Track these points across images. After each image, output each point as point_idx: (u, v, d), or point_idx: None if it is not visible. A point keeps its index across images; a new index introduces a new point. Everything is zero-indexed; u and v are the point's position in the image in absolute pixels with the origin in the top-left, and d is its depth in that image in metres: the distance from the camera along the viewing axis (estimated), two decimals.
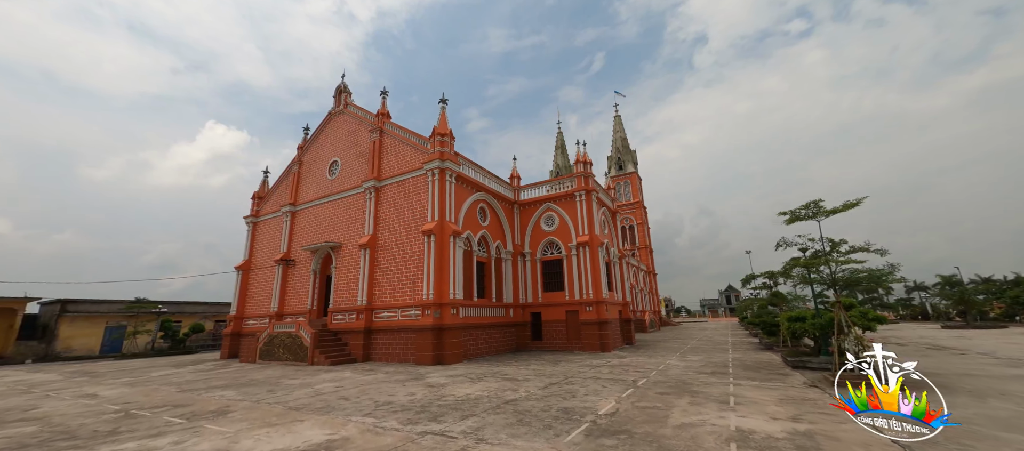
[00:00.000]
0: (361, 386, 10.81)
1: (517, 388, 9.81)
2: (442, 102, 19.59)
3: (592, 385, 9.95)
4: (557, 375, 11.83)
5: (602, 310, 19.87)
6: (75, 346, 28.69)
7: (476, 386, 10.22)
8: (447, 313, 16.24)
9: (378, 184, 19.93)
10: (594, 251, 20.63)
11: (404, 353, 16.72)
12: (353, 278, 19.45)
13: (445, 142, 18.47)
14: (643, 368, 13.17)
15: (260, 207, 26.07)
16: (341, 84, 24.35)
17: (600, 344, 19.18)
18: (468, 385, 10.44)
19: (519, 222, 23.57)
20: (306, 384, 11.52)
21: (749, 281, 22.13)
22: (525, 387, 9.92)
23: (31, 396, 11.37)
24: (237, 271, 24.90)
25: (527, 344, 21.58)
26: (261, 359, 18.99)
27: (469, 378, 11.63)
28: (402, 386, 10.61)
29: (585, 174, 22.12)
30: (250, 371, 15.54)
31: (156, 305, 30.80)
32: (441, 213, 17.34)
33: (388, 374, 13.05)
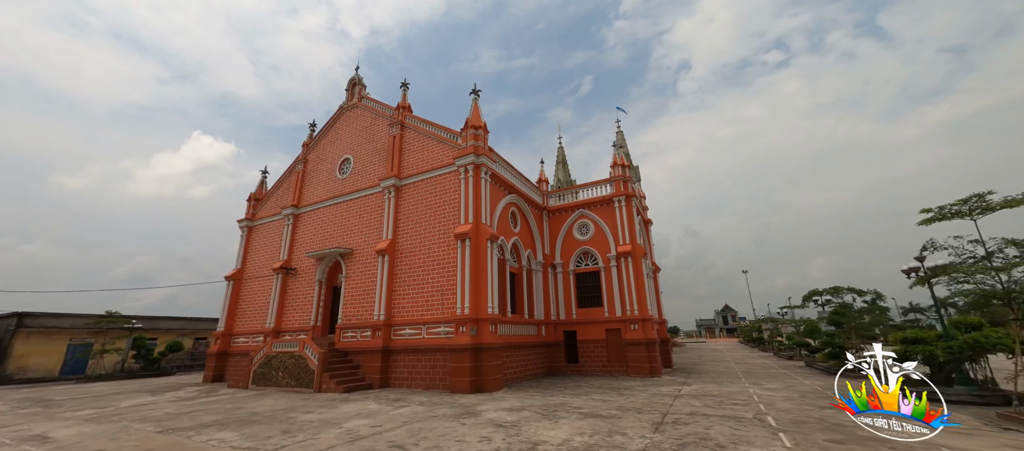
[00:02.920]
0: (405, 425, 8.31)
1: (620, 429, 7.48)
2: (474, 93, 17.62)
3: (718, 425, 7.68)
4: (646, 409, 9.52)
5: (649, 328, 17.68)
6: (31, 366, 24.94)
7: (560, 427, 7.85)
8: (485, 330, 13.82)
9: (399, 182, 17.64)
10: (637, 262, 18.57)
11: (432, 378, 14.15)
12: (367, 289, 16.89)
13: (479, 135, 16.41)
14: (735, 399, 10.95)
15: (257, 209, 23.37)
16: (355, 77, 22.25)
17: (649, 367, 16.90)
18: (548, 424, 8.05)
19: (548, 230, 21.45)
20: (329, 421, 8.94)
21: (811, 297, 20.25)
22: (627, 429, 7.60)
23: None
24: (227, 281, 21.97)
25: (561, 367, 19.14)
26: (255, 384, 16.09)
27: (538, 412, 9.23)
28: (459, 425, 8.16)
29: (623, 178, 20.27)
30: (246, 400, 12.75)
31: (129, 320, 27.32)
32: (476, 214, 15.11)
33: (426, 406, 10.52)
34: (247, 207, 23.56)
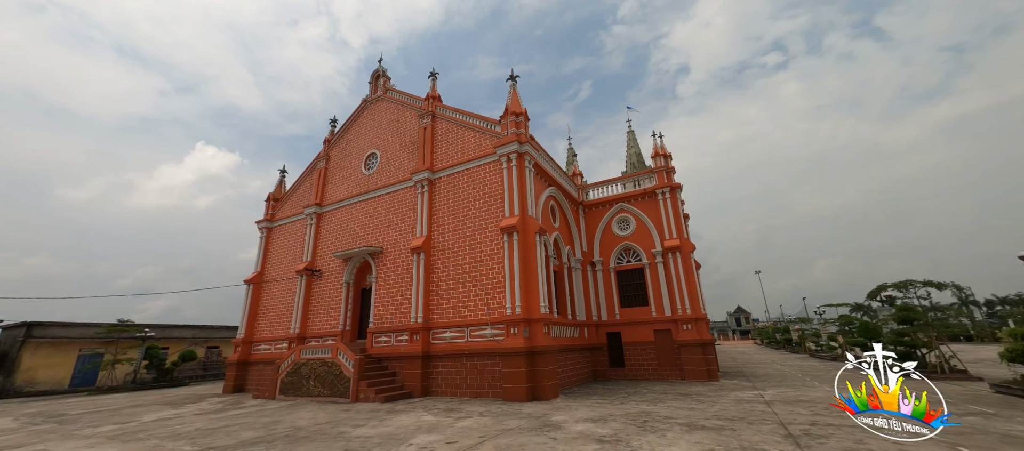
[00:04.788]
0: (487, 440, 7.09)
1: (752, 445, 6.25)
2: (511, 79, 16.54)
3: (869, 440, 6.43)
4: (752, 418, 8.28)
5: (703, 329, 16.43)
6: (40, 379, 23.82)
7: (673, 442, 6.62)
8: (539, 332, 12.61)
9: (432, 176, 16.52)
10: (687, 257, 17.36)
11: (479, 385, 12.92)
12: (400, 290, 15.73)
13: (521, 123, 15.31)
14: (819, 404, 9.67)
15: (276, 210, 22.29)
16: (378, 69, 21.25)
17: (706, 371, 15.63)
18: (656, 438, 6.83)
19: (585, 225, 20.28)
20: (390, 437, 7.73)
21: (877, 294, 18.94)
22: (760, 443, 6.37)
23: None
24: (247, 285, 20.85)
25: (605, 371, 17.88)
26: (283, 394, 14.89)
27: (628, 424, 8.00)
28: (550, 440, 6.93)
29: (666, 169, 19.10)
30: (280, 412, 11.56)
31: (141, 329, 26.20)
32: (522, 206, 13.96)
33: (491, 417, 9.29)
34: (266, 207, 22.49)
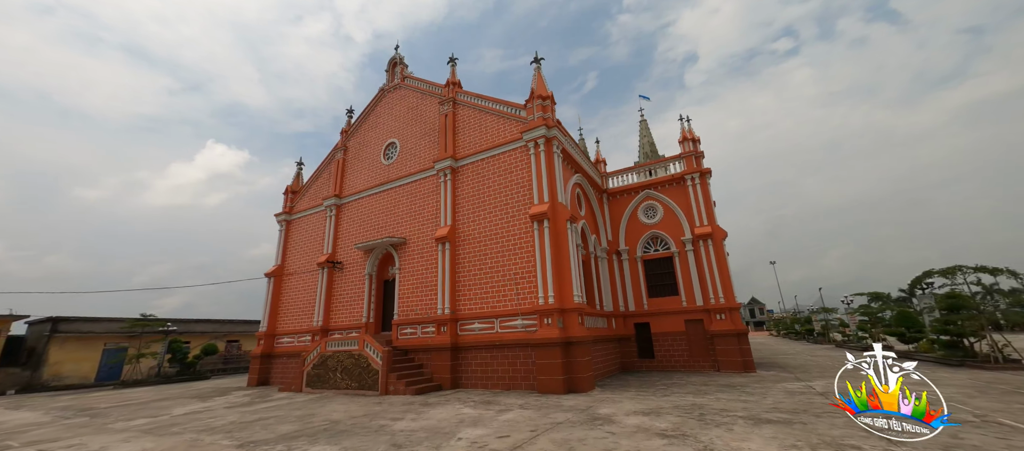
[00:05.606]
0: (541, 434, 6.69)
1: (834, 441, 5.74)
2: (536, 61, 15.95)
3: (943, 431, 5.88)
4: (820, 412, 7.75)
5: (737, 318, 15.85)
6: (66, 373, 24.14)
7: (744, 438, 6.15)
8: (573, 322, 12.16)
9: (455, 164, 16.08)
10: (719, 245, 16.73)
11: (511, 377, 12.56)
12: (425, 281, 15.39)
13: (547, 107, 14.75)
14: None
15: (295, 202, 22.08)
16: (395, 56, 20.77)
17: (742, 361, 15.07)
18: (722, 432, 6.36)
19: (610, 214, 19.71)
20: (435, 431, 7.38)
21: (921, 281, 18.13)
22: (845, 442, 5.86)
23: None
24: (268, 278, 20.73)
25: (633, 362, 17.42)
26: (310, 386, 14.71)
27: (685, 417, 7.54)
28: (609, 434, 6.51)
29: (695, 154, 18.40)
30: (310, 405, 11.32)
31: (164, 323, 26.37)
32: (552, 193, 13.46)
33: (533, 410, 8.90)
34: (284, 200, 22.30)
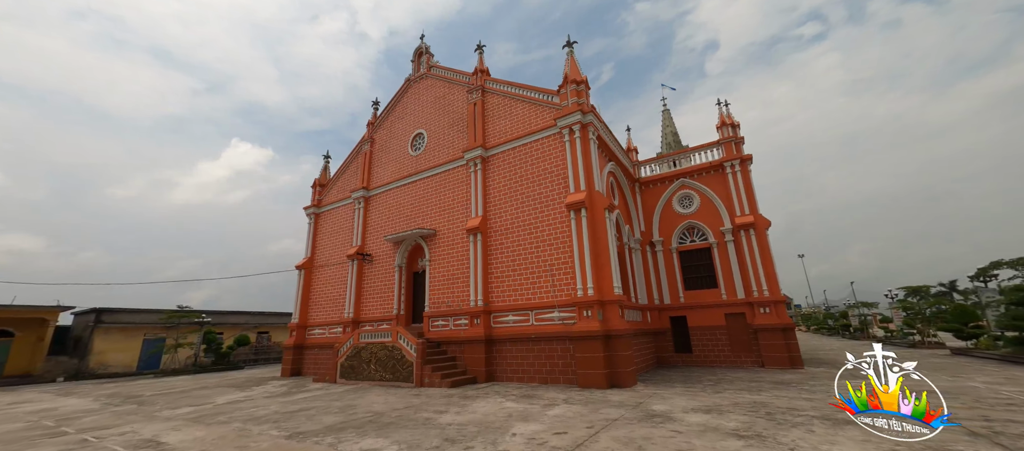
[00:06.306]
0: (599, 431, 6.31)
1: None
2: (569, 45, 15.37)
3: None
4: None
5: (783, 312, 15.05)
6: (110, 362, 25.15)
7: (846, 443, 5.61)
8: (614, 315, 11.70)
9: (485, 153, 15.73)
10: (762, 235, 15.90)
11: (548, 370, 12.22)
12: (455, 273, 15.17)
13: (582, 91, 14.19)
14: (982, 395, 8.33)
15: (323, 195, 22.22)
16: (421, 45, 20.50)
17: (789, 357, 14.31)
18: (806, 436, 5.83)
19: (642, 204, 19.05)
20: (484, 425, 7.09)
21: (988, 271, 16.89)
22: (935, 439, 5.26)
23: (61, 445, 7.26)
24: (298, 271, 20.96)
25: (669, 357, 16.84)
26: (344, 377, 14.73)
27: (752, 416, 7.02)
28: (675, 435, 6.07)
29: (735, 139, 17.52)
30: (348, 396, 11.26)
31: (199, 314, 27.18)
32: (588, 181, 12.95)
33: (582, 405, 8.53)
34: (312, 194, 22.46)
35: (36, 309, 23.48)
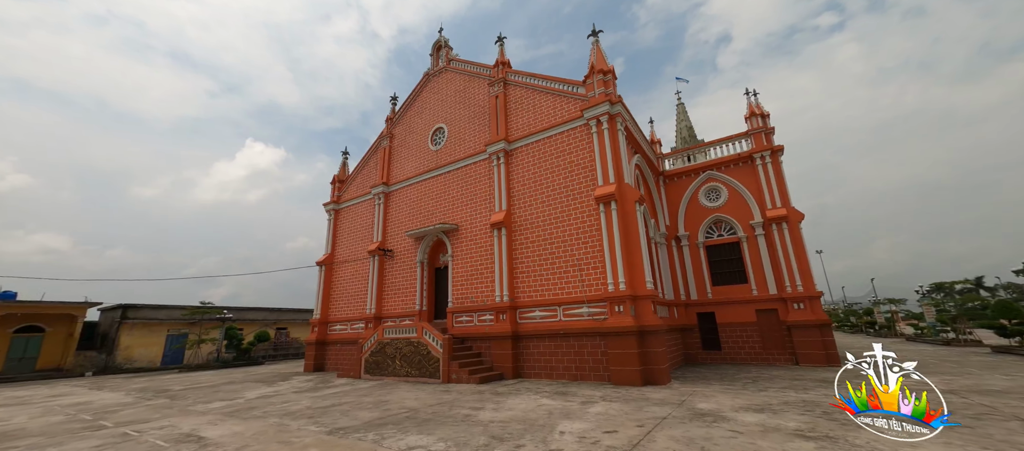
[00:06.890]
0: (653, 429, 6.03)
1: None
2: (594, 34, 15.00)
3: None
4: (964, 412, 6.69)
5: (818, 308, 14.53)
6: (136, 356, 25.65)
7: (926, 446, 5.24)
8: (647, 310, 11.38)
9: (508, 147, 15.47)
10: (795, 228, 15.37)
11: (578, 367, 11.95)
12: (479, 268, 14.97)
13: (609, 82, 13.83)
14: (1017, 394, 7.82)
15: (342, 191, 22.22)
16: (439, 39, 20.29)
17: (825, 355, 13.80)
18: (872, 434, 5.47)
19: (666, 197, 18.60)
20: (528, 424, 6.86)
21: None
22: None
23: (103, 438, 7.24)
24: (319, 267, 21.02)
25: (697, 354, 16.43)
26: (368, 373, 14.68)
27: (814, 416, 6.67)
28: (736, 435, 5.76)
29: (765, 130, 16.96)
30: (377, 392, 11.15)
31: (221, 311, 27.53)
32: (617, 173, 12.61)
33: (623, 402, 8.25)
34: (331, 190, 22.49)
35: (65, 305, 24.00)
